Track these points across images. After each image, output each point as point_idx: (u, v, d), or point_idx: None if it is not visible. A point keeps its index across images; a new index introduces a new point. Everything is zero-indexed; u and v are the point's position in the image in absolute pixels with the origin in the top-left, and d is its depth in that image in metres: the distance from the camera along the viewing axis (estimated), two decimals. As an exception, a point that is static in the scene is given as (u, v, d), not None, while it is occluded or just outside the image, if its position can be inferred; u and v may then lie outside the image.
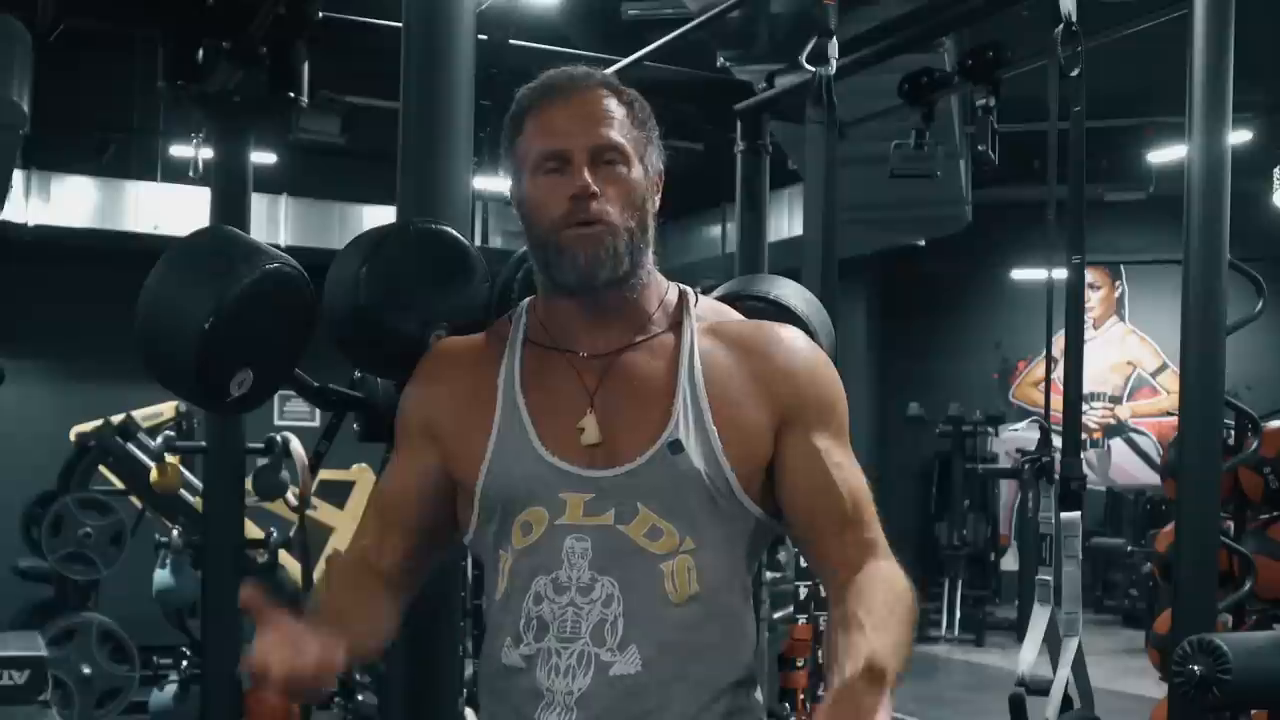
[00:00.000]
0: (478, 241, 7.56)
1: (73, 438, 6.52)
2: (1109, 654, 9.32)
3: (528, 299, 1.68)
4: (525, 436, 1.55)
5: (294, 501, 5.51)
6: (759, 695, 1.60)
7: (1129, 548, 10.98)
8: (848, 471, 1.57)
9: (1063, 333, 3.40)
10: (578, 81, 1.57)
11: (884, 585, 1.51)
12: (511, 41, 6.24)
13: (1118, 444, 12.79)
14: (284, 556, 6.02)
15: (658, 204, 1.60)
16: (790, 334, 1.62)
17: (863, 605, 1.47)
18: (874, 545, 1.56)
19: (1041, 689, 3.21)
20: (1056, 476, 3.37)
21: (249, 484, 5.42)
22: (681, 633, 1.48)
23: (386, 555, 1.63)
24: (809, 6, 4.17)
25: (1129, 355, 12.88)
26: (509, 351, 1.61)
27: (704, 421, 1.52)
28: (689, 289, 1.65)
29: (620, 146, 1.54)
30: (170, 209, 8.84)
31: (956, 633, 10.47)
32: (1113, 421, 12.85)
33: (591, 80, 1.58)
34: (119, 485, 6.45)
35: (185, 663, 6.12)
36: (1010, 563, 11.43)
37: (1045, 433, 3.49)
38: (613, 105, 1.56)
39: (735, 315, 1.65)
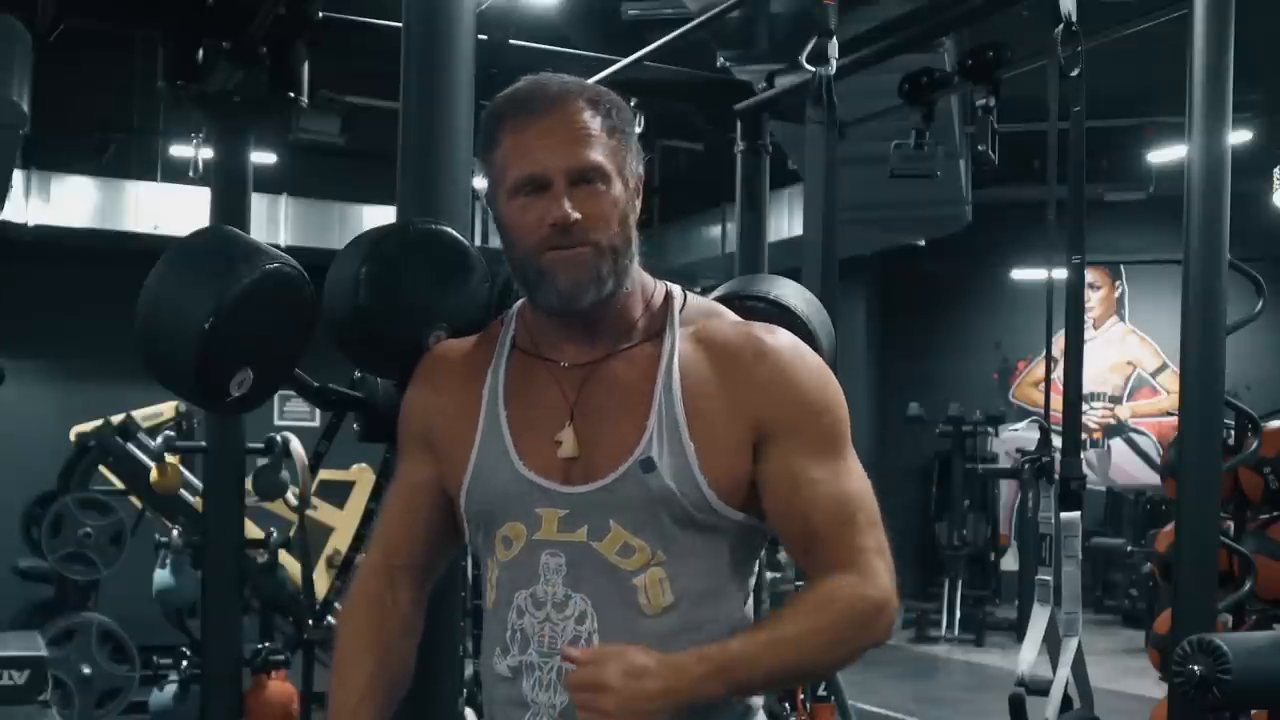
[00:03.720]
0: (478, 241, 7.55)
1: (73, 438, 6.51)
2: (1109, 654, 9.33)
3: (518, 304, 1.67)
4: (504, 450, 1.54)
5: (294, 501, 5.51)
6: (756, 700, 1.59)
7: (1129, 548, 10.98)
8: (826, 488, 1.51)
9: (1063, 333, 3.40)
10: (552, 95, 1.51)
11: (819, 589, 1.50)
12: (511, 41, 6.23)
13: (1118, 444, 12.79)
14: (284, 556, 6.01)
15: (639, 209, 1.55)
16: (777, 341, 1.55)
17: (776, 611, 1.52)
18: (848, 555, 1.50)
19: (1041, 689, 3.20)
20: (1056, 476, 3.37)
21: (249, 484, 5.42)
22: (658, 644, 1.44)
23: (398, 585, 1.65)
24: (809, 6, 4.16)
25: (1129, 355, 12.88)
26: (495, 360, 1.61)
27: (679, 437, 1.49)
28: (677, 290, 1.61)
29: (600, 166, 1.48)
30: (170, 209, 8.84)
31: (956, 633, 10.46)
32: (1113, 421, 12.85)
33: (566, 92, 1.51)
34: (119, 485, 6.44)
35: (185, 663, 6.11)
36: (1010, 563, 11.43)
37: (1045, 433, 3.48)
38: (588, 118, 1.50)
39: (729, 316, 1.61)
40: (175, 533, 6.00)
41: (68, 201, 8.98)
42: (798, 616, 1.49)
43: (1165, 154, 9.62)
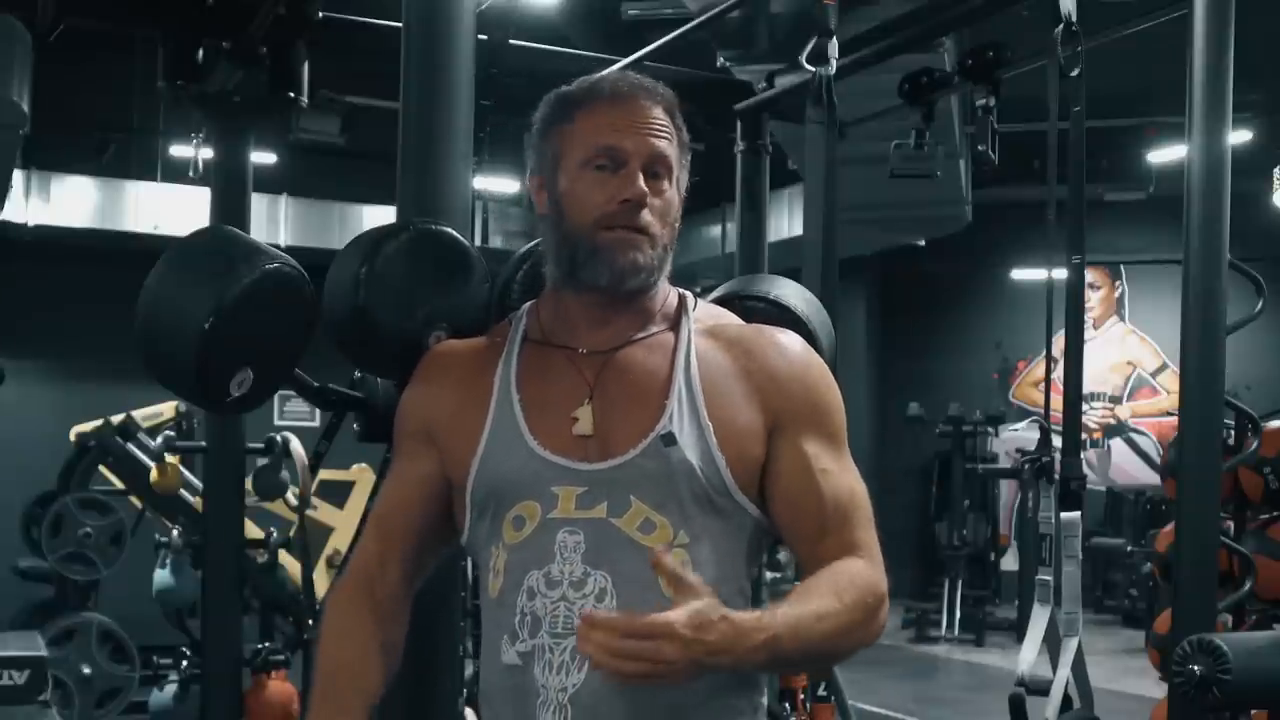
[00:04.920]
0: (478, 241, 7.56)
1: (73, 438, 6.52)
2: (1109, 654, 9.33)
3: (527, 304, 1.68)
4: (517, 430, 1.55)
5: (294, 501, 5.51)
6: (760, 696, 1.59)
7: (1129, 548, 10.99)
8: (835, 479, 1.56)
9: (1063, 333, 3.39)
10: (643, 90, 1.58)
11: (837, 568, 1.51)
12: (511, 41, 6.24)
13: (1118, 444, 12.80)
14: (284, 556, 6.01)
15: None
16: (786, 339, 1.62)
17: (801, 585, 1.49)
18: (853, 546, 1.54)
19: (1041, 689, 3.20)
20: (1056, 476, 3.37)
21: (249, 484, 5.42)
22: None
23: (390, 573, 1.64)
24: (809, 6, 4.15)
25: (1129, 355, 12.89)
26: (507, 350, 1.62)
27: (699, 416, 1.53)
28: (688, 293, 1.66)
29: (669, 162, 1.56)
30: (170, 209, 8.85)
31: (956, 633, 10.47)
32: (1113, 421, 12.86)
33: (656, 93, 1.58)
34: (119, 485, 6.44)
35: (185, 663, 6.11)
36: (1010, 563, 11.44)
37: (1045, 433, 3.48)
38: (667, 121, 1.58)
39: (733, 319, 1.66)
40: (175, 533, 6.00)
41: (68, 201, 8.99)
42: (831, 592, 1.47)
43: (1165, 154, 9.63)
